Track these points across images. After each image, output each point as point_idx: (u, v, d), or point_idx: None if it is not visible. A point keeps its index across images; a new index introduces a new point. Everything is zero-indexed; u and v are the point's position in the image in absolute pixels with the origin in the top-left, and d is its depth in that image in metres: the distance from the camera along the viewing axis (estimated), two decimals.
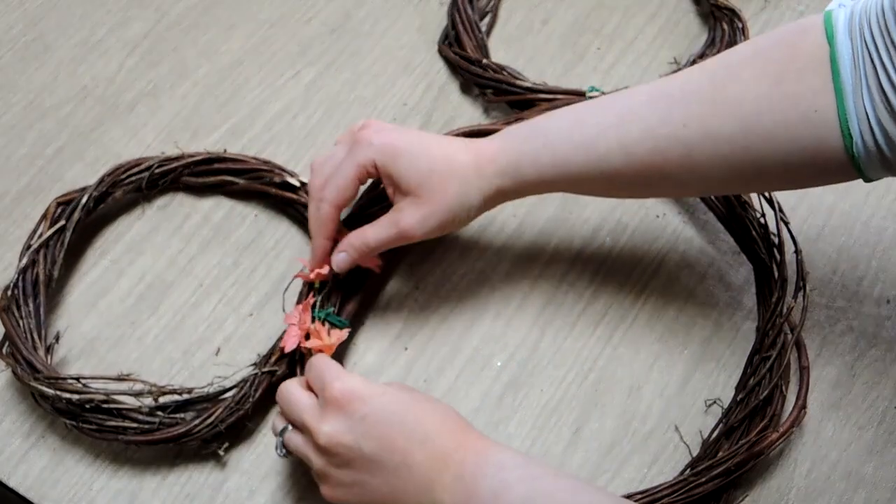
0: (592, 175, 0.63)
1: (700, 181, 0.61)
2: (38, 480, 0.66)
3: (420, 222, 0.64)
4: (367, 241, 0.66)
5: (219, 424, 0.64)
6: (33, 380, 0.64)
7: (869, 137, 0.54)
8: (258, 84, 0.83)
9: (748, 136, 0.57)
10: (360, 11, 0.87)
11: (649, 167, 0.61)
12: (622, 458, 0.67)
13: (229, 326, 0.72)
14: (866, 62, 0.53)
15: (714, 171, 0.60)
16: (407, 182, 0.64)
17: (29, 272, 0.69)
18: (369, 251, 0.66)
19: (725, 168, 0.59)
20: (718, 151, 0.58)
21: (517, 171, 0.64)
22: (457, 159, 0.64)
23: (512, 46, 0.86)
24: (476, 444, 0.56)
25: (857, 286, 0.73)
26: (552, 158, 0.63)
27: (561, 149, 0.63)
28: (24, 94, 0.83)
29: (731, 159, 0.59)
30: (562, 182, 0.64)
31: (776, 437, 0.64)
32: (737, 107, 0.57)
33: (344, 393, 0.57)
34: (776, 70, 0.56)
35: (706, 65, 0.61)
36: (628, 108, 0.62)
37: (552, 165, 0.63)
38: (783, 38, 0.58)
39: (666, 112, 0.60)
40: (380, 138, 0.65)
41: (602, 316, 0.72)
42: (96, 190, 0.73)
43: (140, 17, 0.87)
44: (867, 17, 0.54)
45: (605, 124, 0.62)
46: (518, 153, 0.64)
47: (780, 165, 0.58)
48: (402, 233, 0.65)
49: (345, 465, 0.56)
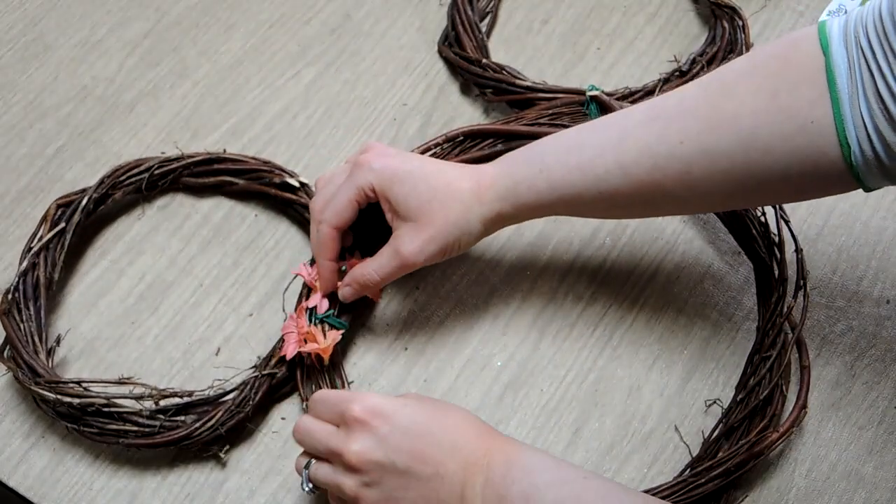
0: (591, 197, 0.63)
1: (700, 198, 0.61)
2: (38, 480, 0.66)
3: (421, 249, 0.64)
4: (371, 276, 0.66)
5: (219, 427, 0.64)
6: (34, 384, 0.64)
7: (867, 146, 0.54)
8: (258, 84, 0.83)
9: (746, 151, 0.57)
10: (360, 11, 0.87)
11: (649, 186, 0.61)
12: (622, 458, 0.67)
13: (229, 326, 0.72)
14: (863, 70, 0.53)
15: (714, 187, 0.60)
16: (406, 208, 0.64)
17: (29, 275, 0.69)
18: (374, 285, 0.66)
19: (725, 183, 0.59)
20: (717, 167, 0.58)
21: (515, 196, 0.64)
22: (456, 185, 0.64)
23: (512, 46, 0.86)
24: (504, 447, 0.56)
25: (856, 286, 0.73)
26: (549, 183, 0.63)
27: (558, 172, 0.63)
28: (24, 94, 0.83)
29: (730, 175, 0.58)
30: (560, 205, 0.64)
31: (776, 437, 0.64)
32: (733, 122, 0.57)
33: (366, 411, 0.56)
34: (771, 84, 0.56)
35: (702, 81, 0.61)
36: (624, 129, 0.62)
37: (550, 189, 0.63)
38: (777, 52, 0.58)
39: (663, 130, 0.60)
40: (380, 162, 0.65)
41: (602, 316, 0.72)
42: (96, 192, 0.73)
43: (140, 17, 0.87)
44: (863, 24, 0.54)
45: (602, 146, 0.62)
46: (515, 178, 0.64)
47: (779, 179, 0.57)
48: (404, 261, 0.65)
49: (377, 482, 0.56)
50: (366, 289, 0.67)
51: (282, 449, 0.67)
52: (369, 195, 0.65)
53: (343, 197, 0.65)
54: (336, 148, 0.80)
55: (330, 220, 0.66)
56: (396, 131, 0.80)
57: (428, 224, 0.64)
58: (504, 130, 0.75)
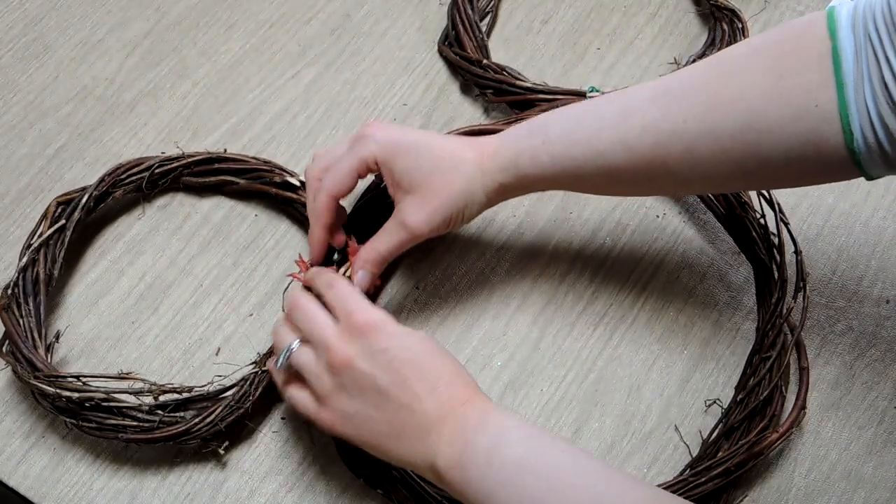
0: (592, 171, 0.63)
1: (702, 177, 0.61)
2: (39, 480, 0.66)
3: (426, 220, 0.64)
4: (379, 251, 0.66)
5: (219, 423, 0.64)
6: (33, 378, 0.64)
7: (870, 133, 0.54)
8: (258, 84, 0.83)
9: (749, 131, 0.57)
10: (360, 11, 0.87)
11: (651, 163, 0.61)
12: (622, 458, 0.67)
13: (229, 326, 0.72)
14: (869, 56, 0.53)
15: (716, 167, 0.60)
16: (409, 179, 0.64)
17: (29, 271, 0.69)
18: (383, 261, 0.66)
19: (727, 163, 0.59)
20: (720, 146, 0.58)
21: (517, 168, 0.64)
22: (460, 155, 0.64)
23: (512, 46, 0.86)
24: (484, 404, 0.57)
25: (856, 286, 0.73)
26: (551, 155, 0.63)
27: (560, 145, 0.63)
28: (24, 94, 0.83)
29: (732, 154, 0.59)
30: (562, 178, 0.64)
31: (776, 438, 0.64)
32: (738, 102, 0.57)
33: (370, 322, 0.57)
34: (777, 65, 0.56)
35: (709, 60, 0.61)
36: (629, 105, 0.62)
37: (552, 162, 0.63)
38: (784, 34, 0.58)
39: (667, 108, 0.60)
40: (383, 134, 0.65)
41: (602, 316, 0.72)
42: (96, 189, 0.73)
43: (140, 17, 0.87)
44: (871, 11, 0.54)
45: (606, 121, 0.62)
46: (517, 150, 0.64)
47: (781, 161, 0.58)
48: (410, 232, 0.64)
49: (353, 392, 0.56)
50: (376, 267, 0.66)
51: (282, 449, 0.67)
52: (371, 167, 0.65)
53: (344, 166, 0.65)
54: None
55: (328, 188, 0.65)
56: None
57: (432, 195, 0.64)
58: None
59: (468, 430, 0.55)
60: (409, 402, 0.56)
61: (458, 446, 0.54)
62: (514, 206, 0.76)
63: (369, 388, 0.56)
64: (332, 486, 0.66)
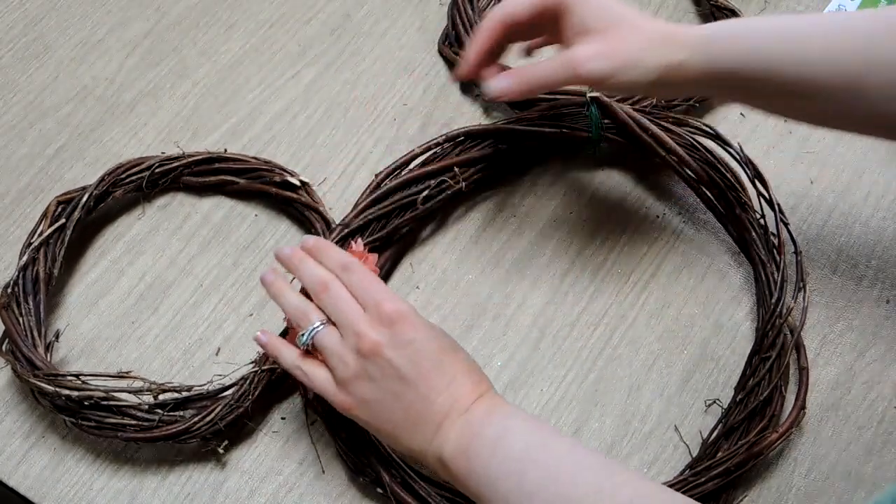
0: (785, 77, 0.60)
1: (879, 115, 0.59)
2: (39, 480, 0.66)
3: (595, 56, 0.61)
4: (537, 73, 0.64)
5: (218, 422, 0.64)
6: (32, 376, 0.64)
7: None
8: (258, 84, 0.83)
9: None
10: (360, 11, 0.87)
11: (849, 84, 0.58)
12: (622, 458, 0.67)
13: (229, 326, 0.72)
14: None
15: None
16: (595, 22, 0.62)
17: (29, 270, 0.69)
18: (534, 85, 0.64)
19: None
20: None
21: (707, 49, 0.61)
22: (648, 22, 0.62)
23: (511, 46, 0.85)
24: (493, 399, 0.58)
25: (856, 286, 0.73)
26: (748, 48, 0.60)
27: (764, 41, 0.60)
28: (24, 94, 0.83)
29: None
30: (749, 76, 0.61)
31: (776, 438, 0.64)
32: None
33: (398, 313, 0.57)
34: None
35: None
36: (843, 25, 0.60)
37: (746, 54, 0.60)
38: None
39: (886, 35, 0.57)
40: None
41: (602, 316, 0.72)
42: (97, 189, 0.73)
43: (140, 17, 0.87)
44: None
45: (818, 33, 0.59)
46: (714, 32, 0.62)
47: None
48: (574, 63, 0.62)
49: (377, 378, 0.57)
50: (524, 87, 0.64)
51: (282, 449, 0.67)
52: (550, 4, 0.63)
53: None
54: (336, 148, 0.80)
55: (500, 12, 0.64)
56: (396, 131, 0.80)
57: (608, 39, 0.61)
58: (504, 130, 0.75)
59: (476, 423, 0.56)
60: (427, 394, 0.56)
61: (467, 438, 0.55)
62: (514, 207, 0.76)
63: (392, 376, 0.57)
64: (332, 486, 0.66)
